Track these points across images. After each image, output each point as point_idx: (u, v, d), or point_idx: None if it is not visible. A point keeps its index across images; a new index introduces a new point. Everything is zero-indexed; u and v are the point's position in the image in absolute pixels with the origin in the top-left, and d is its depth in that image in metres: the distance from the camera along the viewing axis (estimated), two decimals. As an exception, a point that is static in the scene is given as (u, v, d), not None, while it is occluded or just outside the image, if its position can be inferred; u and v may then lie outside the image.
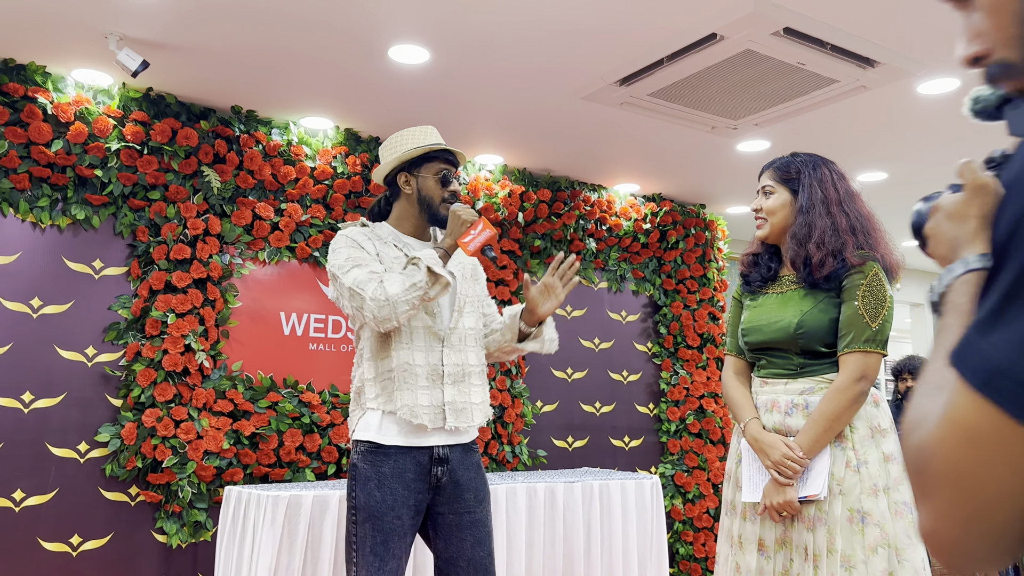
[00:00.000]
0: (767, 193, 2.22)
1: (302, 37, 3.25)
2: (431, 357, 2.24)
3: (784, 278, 2.21)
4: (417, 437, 2.21)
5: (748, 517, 2.14)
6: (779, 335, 2.12)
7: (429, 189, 2.33)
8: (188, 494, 3.70)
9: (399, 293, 2.08)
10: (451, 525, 2.26)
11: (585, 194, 5.17)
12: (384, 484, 2.16)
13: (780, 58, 3.30)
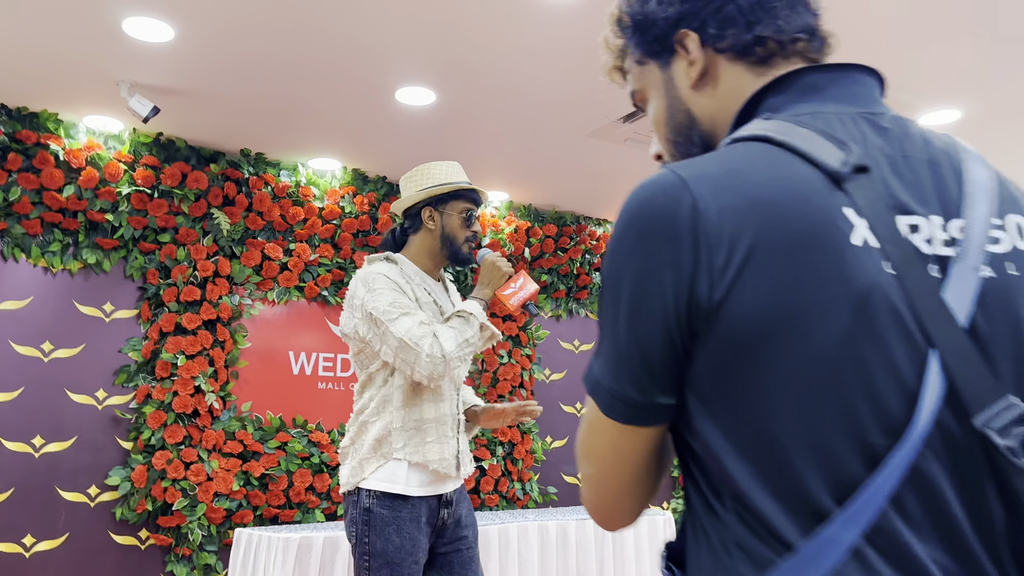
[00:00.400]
0: None
1: (310, 81, 3.30)
2: (452, 407, 2.22)
3: None
4: (437, 485, 2.19)
5: None
6: None
7: (453, 227, 2.28)
8: (198, 537, 3.68)
9: (453, 350, 2.03)
10: (452, 563, 2.24)
11: (591, 228, 5.19)
12: (403, 529, 2.11)
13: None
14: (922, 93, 3.45)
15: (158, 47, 3.01)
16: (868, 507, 0.61)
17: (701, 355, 0.66)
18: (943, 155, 0.73)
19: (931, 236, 0.68)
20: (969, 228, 0.68)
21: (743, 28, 0.79)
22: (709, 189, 0.66)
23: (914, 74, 3.27)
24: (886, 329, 0.64)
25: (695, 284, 0.64)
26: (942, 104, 3.55)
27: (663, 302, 0.66)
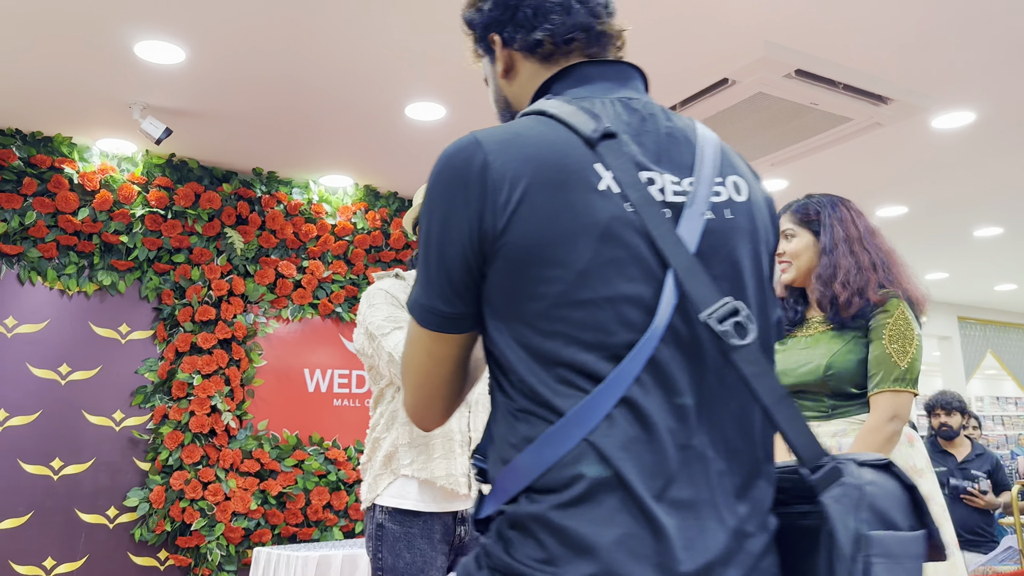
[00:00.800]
0: (788, 237, 2.20)
1: (320, 99, 3.32)
2: (461, 423, 2.20)
3: (811, 320, 2.19)
4: (449, 502, 2.17)
5: None
6: (808, 377, 2.09)
7: None
8: (217, 557, 3.67)
9: None
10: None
11: (604, 240, 5.18)
12: (413, 545, 2.12)
13: (792, 99, 3.32)
14: (935, 96, 3.42)
15: (169, 69, 3.03)
16: (618, 385, 0.82)
17: (491, 274, 0.86)
18: (679, 131, 0.95)
19: (663, 187, 0.89)
20: (697, 183, 0.91)
21: (528, 31, 1.01)
22: (495, 147, 0.87)
23: (926, 77, 3.24)
24: (626, 251, 0.85)
25: (483, 218, 0.85)
26: (956, 106, 3.52)
27: (461, 233, 0.86)
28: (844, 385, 2.06)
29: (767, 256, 0.97)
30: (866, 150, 4.00)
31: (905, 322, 2.03)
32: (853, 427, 2.05)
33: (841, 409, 2.08)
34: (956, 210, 5.10)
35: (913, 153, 4.09)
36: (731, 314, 0.84)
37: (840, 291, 2.07)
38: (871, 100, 3.38)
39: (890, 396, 1.99)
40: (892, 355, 2.00)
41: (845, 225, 2.16)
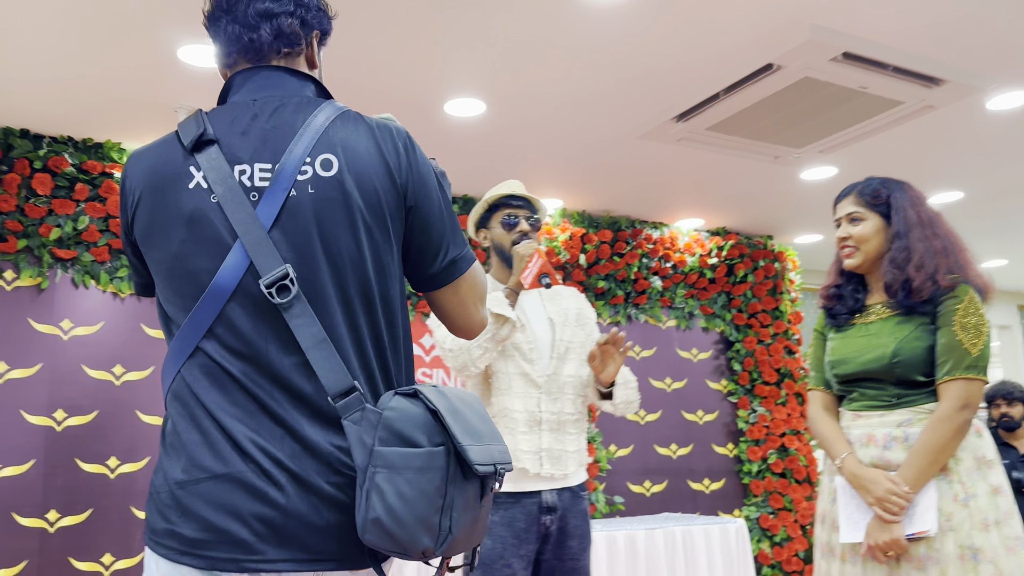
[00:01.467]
0: (855, 220, 2.13)
1: (358, 98, 3.33)
2: (528, 403, 2.27)
3: (872, 307, 2.12)
4: (524, 483, 2.23)
5: (848, 559, 2.02)
6: (873, 365, 2.02)
7: (499, 237, 2.39)
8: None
9: (471, 341, 2.13)
10: (554, 570, 2.28)
11: (647, 232, 5.12)
12: (493, 532, 2.19)
13: (840, 83, 3.24)
14: (989, 76, 3.30)
15: (212, 72, 3.07)
16: (192, 334, 1.10)
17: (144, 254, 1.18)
18: (287, 123, 1.16)
19: (252, 176, 1.12)
20: (281, 167, 1.12)
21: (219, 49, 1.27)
22: (131, 162, 1.20)
23: (979, 56, 3.12)
24: (207, 234, 1.10)
25: (125, 216, 1.20)
26: (1010, 86, 3.39)
27: (123, 227, 1.22)
28: (911, 373, 1.99)
29: (371, 214, 1.15)
30: (918, 134, 3.88)
31: (975, 308, 1.98)
32: (920, 416, 1.98)
33: (907, 398, 2.01)
34: (1015, 194, 4.92)
35: (968, 136, 3.95)
36: (282, 278, 1.07)
37: (915, 274, 2.01)
38: (922, 82, 3.27)
39: (962, 384, 1.93)
40: (963, 342, 1.94)
41: (916, 209, 2.11)
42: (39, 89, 3.20)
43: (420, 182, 1.20)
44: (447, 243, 1.23)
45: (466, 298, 1.26)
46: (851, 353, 2.09)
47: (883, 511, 1.91)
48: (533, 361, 2.30)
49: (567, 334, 2.38)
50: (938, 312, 1.99)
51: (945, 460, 1.91)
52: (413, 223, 1.20)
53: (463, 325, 1.28)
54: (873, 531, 1.93)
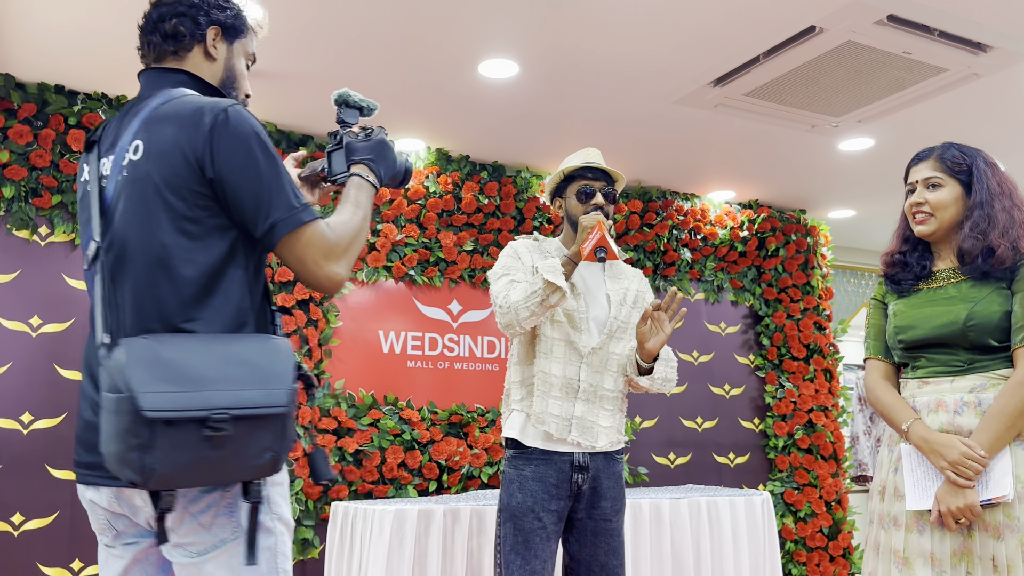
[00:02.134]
0: (933, 186, 2.07)
1: (392, 59, 3.31)
2: (568, 370, 2.31)
3: (940, 273, 2.08)
4: (553, 444, 2.29)
5: (914, 529, 1.96)
6: (945, 330, 1.98)
7: (572, 208, 2.41)
8: (296, 511, 3.76)
9: (520, 300, 2.18)
10: (587, 530, 2.33)
11: (678, 203, 5.07)
12: (525, 486, 2.27)
13: (884, 48, 3.16)
14: (1040, 42, 3.20)
15: (248, 28, 3.06)
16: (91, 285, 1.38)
17: None
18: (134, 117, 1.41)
19: (105, 166, 1.41)
20: (116, 156, 1.40)
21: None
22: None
23: None
24: (85, 215, 1.43)
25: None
26: (1063, 53, 3.30)
27: None
28: (984, 337, 1.94)
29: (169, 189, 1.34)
30: (960, 105, 3.79)
31: None
32: (993, 382, 1.94)
33: (979, 363, 1.96)
34: (1057, 170, 4.81)
35: (1013, 108, 3.85)
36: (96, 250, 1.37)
37: (999, 242, 1.97)
38: (968, 48, 3.19)
39: None
40: None
41: (997, 178, 2.07)
42: (74, 45, 3.21)
43: (223, 155, 1.34)
44: (265, 208, 1.34)
45: (304, 256, 1.37)
46: (920, 319, 2.04)
47: (957, 475, 1.86)
48: (581, 331, 2.33)
49: (623, 313, 2.41)
50: (1016, 278, 1.95)
51: (1022, 426, 1.87)
52: (223, 193, 1.35)
53: (309, 281, 1.40)
54: (945, 497, 1.87)
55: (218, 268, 1.35)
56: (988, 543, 1.85)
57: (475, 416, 4.27)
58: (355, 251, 1.44)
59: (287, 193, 1.37)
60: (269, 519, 1.37)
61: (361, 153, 1.57)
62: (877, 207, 5.44)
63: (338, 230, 1.41)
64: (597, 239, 2.18)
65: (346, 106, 1.65)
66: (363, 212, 1.48)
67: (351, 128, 1.63)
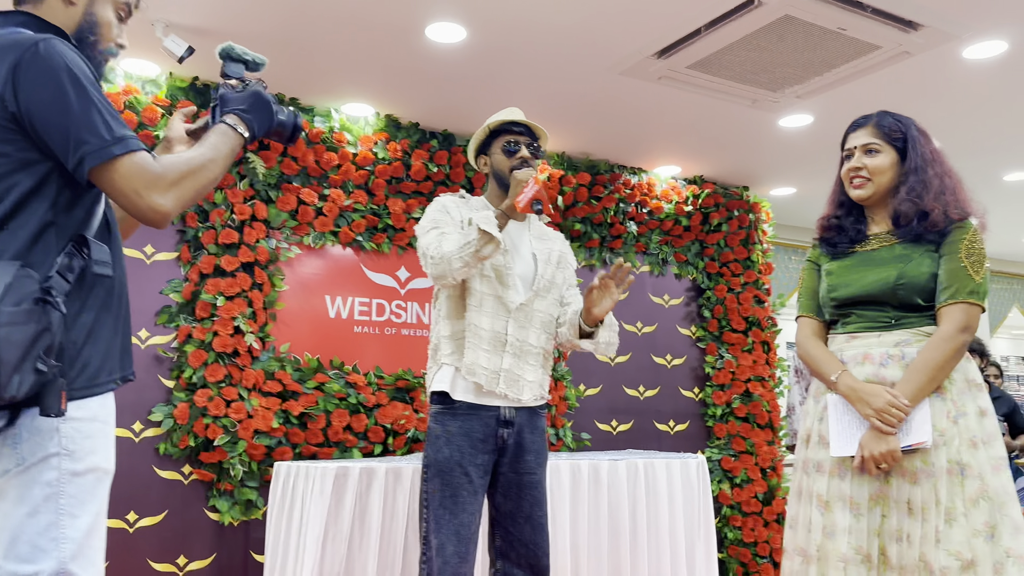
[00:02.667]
0: (871, 152, 2.17)
1: (339, 20, 3.31)
2: (496, 324, 2.36)
3: (873, 237, 2.19)
4: (482, 397, 2.34)
5: (836, 474, 2.08)
6: (876, 288, 2.09)
7: (499, 163, 2.45)
8: (239, 472, 3.78)
9: (453, 251, 2.20)
10: (512, 483, 2.38)
11: (625, 177, 5.15)
12: (452, 441, 2.30)
13: (820, 23, 3.26)
14: (966, 23, 3.34)
15: (192, -16, 3.04)
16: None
17: None
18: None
19: None
20: None
21: None
22: None
23: (958, 2, 3.16)
24: None
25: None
26: (988, 35, 3.44)
27: None
28: (913, 296, 2.06)
29: None
30: (895, 83, 3.93)
31: (979, 240, 2.08)
32: (917, 337, 2.05)
33: (906, 320, 2.08)
34: (986, 152, 5.00)
35: (943, 87, 4.00)
36: None
37: (932, 205, 2.08)
38: (900, 26, 3.31)
39: (964, 307, 2.01)
40: (968, 269, 2.03)
41: (929, 146, 2.18)
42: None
43: (28, 89, 1.34)
44: (73, 141, 1.35)
45: (124, 188, 1.37)
46: (853, 278, 2.15)
47: (881, 423, 1.97)
48: (508, 287, 2.38)
49: (548, 272, 2.47)
50: (945, 241, 2.06)
51: (942, 379, 1.98)
52: (31, 128, 1.35)
53: (132, 213, 1.40)
54: (869, 443, 1.99)
55: (20, 201, 1.36)
56: (904, 487, 1.97)
57: (421, 381, 4.32)
58: (189, 187, 1.43)
59: (98, 126, 1.36)
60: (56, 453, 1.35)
61: (233, 104, 1.59)
62: (816, 185, 5.59)
63: (169, 163, 1.42)
64: (534, 192, 2.23)
65: (230, 60, 1.68)
66: (212, 154, 1.48)
67: (231, 81, 1.64)
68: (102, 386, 1.46)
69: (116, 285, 1.50)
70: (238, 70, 1.68)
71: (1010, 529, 1.88)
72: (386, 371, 4.28)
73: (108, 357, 1.48)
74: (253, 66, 1.71)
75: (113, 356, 1.49)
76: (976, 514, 1.89)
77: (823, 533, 2.06)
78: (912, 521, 1.94)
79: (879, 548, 1.98)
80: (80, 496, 1.37)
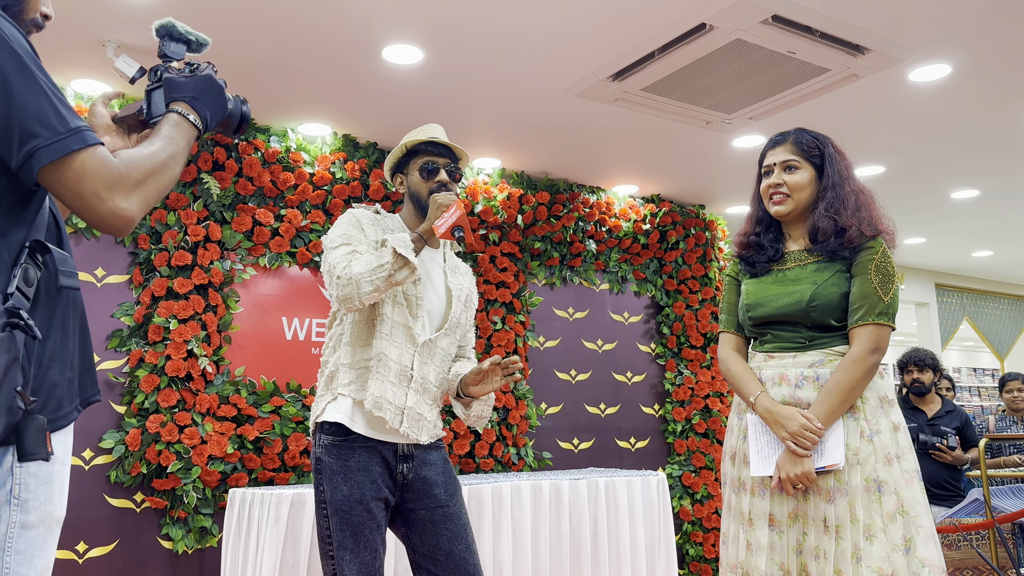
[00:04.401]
0: (790, 168, 2.19)
1: (296, 41, 3.29)
2: (404, 357, 2.19)
3: (790, 255, 2.21)
4: (381, 432, 2.16)
5: (757, 492, 2.12)
6: (790, 308, 2.12)
7: (416, 184, 2.30)
8: (193, 499, 3.70)
9: (363, 273, 2.04)
10: (424, 520, 2.21)
11: (584, 196, 5.19)
12: (351, 478, 2.11)
13: (770, 47, 3.33)
14: (912, 47, 3.43)
15: (142, 5, 3.00)
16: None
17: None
18: None
19: None
20: None
21: None
22: None
23: (904, 25, 3.25)
24: None
25: None
26: (932, 58, 3.54)
27: None
28: (825, 317, 2.10)
29: None
30: (843, 105, 4.02)
31: (888, 260, 2.11)
32: (830, 357, 2.09)
33: (819, 340, 2.12)
34: (933, 170, 5.14)
35: (890, 109, 4.11)
36: None
37: (849, 221, 2.12)
38: (848, 50, 3.39)
39: (874, 329, 2.05)
40: (877, 289, 2.07)
41: (845, 163, 2.22)
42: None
43: None
44: (19, 133, 1.13)
45: (81, 189, 1.16)
46: (768, 297, 2.18)
47: (796, 445, 2.01)
48: (418, 319, 2.22)
49: (457, 310, 2.33)
50: (855, 261, 2.10)
51: (855, 399, 2.03)
52: None
53: (90, 219, 1.19)
54: (785, 464, 2.03)
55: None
56: (820, 505, 2.01)
57: (380, 403, 4.28)
58: (153, 188, 1.24)
59: (48, 115, 1.14)
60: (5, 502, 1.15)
61: (183, 90, 1.38)
62: (772, 203, 5.69)
63: (131, 160, 1.21)
64: (456, 218, 2.12)
65: (170, 39, 1.46)
66: (172, 149, 1.29)
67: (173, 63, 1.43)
68: (67, 417, 1.26)
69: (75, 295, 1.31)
70: (180, 51, 1.47)
71: (924, 539, 1.94)
72: (344, 393, 4.23)
73: (71, 382, 1.28)
74: (196, 47, 1.50)
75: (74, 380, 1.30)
76: (894, 529, 1.94)
77: (748, 550, 2.11)
78: (827, 538, 1.98)
79: (800, 565, 2.03)
80: (28, 552, 1.19)
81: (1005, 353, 8.99)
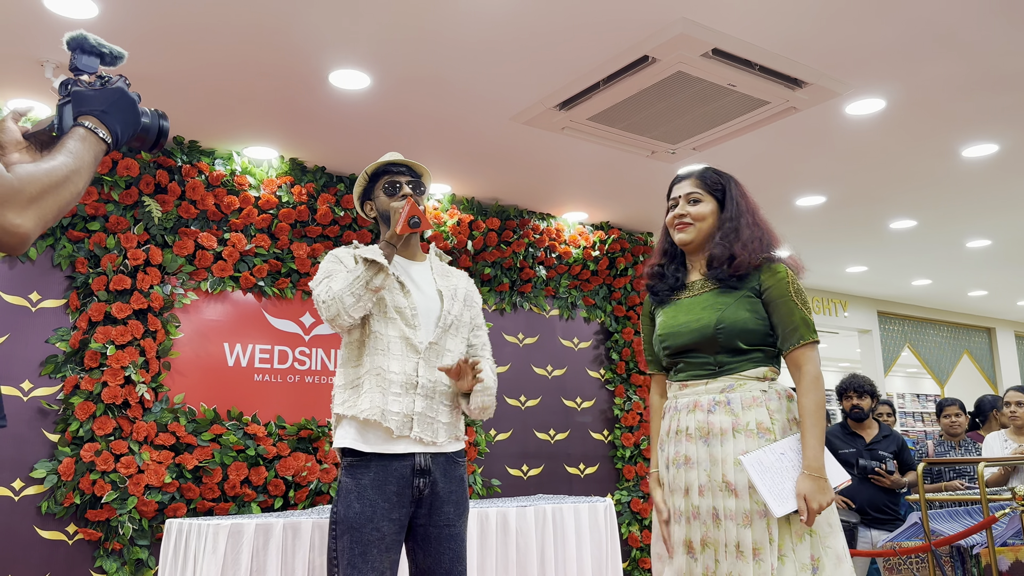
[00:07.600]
0: (694, 201, 2.28)
1: (242, 65, 3.27)
2: (406, 366, 2.27)
3: (694, 283, 2.29)
4: (393, 445, 2.21)
5: (676, 520, 2.17)
6: (697, 336, 2.18)
7: (383, 205, 2.41)
8: (129, 530, 3.59)
9: (343, 288, 2.16)
10: (431, 537, 2.26)
11: (534, 222, 5.22)
12: (364, 496, 2.18)
13: (711, 79, 3.41)
14: (847, 81, 3.55)
15: (82, 25, 2.95)
16: None
17: None
18: None
19: None
20: None
21: None
22: None
23: (840, 60, 3.36)
24: None
25: None
26: (867, 92, 3.66)
27: None
28: (733, 340, 2.15)
29: None
30: (784, 136, 4.13)
31: (796, 280, 2.20)
32: (740, 382, 2.13)
33: (728, 366, 2.17)
34: (871, 201, 5.29)
35: (829, 140, 4.23)
36: None
37: (740, 251, 2.21)
38: (786, 83, 3.49)
39: (813, 347, 2.16)
40: (803, 310, 2.14)
41: (745, 199, 2.32)
42: None
43: None
44: None
45: None
46: (677, 326, 2.24)
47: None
48: (416, 327, 2.31)
49: (455, 309, 2.41)
50: (763, 287, 2.17)
51: (824, 413, 2.10)
52: None
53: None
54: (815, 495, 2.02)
55: None
56: (733, 531, 2.04)
57: (325, 431, 4.22)
58: (51, 204, 1.19)
59: None
60: None
61: (91, 103, 1.34)
62: (718, 231, 5.79)
63: (26, 174, 1.16)
64: (408, 209, 2.22)
65: (82, 52, 1.42)
66: (76, 164, 1.24)
67: (84, 77, 1.39)
68: None
69: None
70: (92, 63, 1.42)
71: (833, 560, 2.00)
72: (288, 420, 4.16)
73: None
74: (110, 59, 1.45)
75: None
76: (802, 549, 1.99)
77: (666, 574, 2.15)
78: (743, 563, 2.01)
79: None
80: None
81: (945, 379, 9.23)
